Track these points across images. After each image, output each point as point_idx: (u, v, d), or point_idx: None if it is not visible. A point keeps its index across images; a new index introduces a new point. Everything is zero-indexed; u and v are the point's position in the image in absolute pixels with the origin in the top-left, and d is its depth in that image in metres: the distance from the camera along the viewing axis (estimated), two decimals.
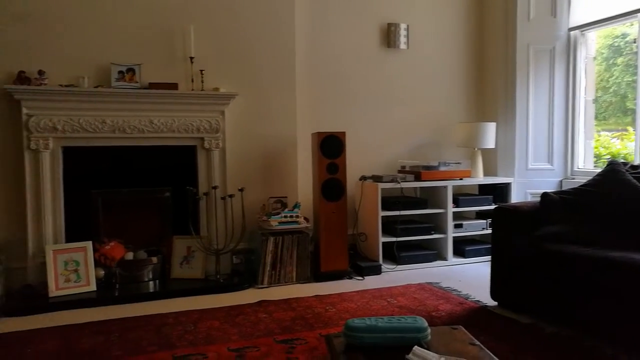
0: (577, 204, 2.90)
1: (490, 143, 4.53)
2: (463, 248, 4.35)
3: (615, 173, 2.93)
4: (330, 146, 3.77)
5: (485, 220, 4.42)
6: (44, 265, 3.33)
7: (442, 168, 4.32)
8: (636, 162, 3.87)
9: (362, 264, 3.95)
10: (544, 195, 3.01)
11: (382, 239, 4.06)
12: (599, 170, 3.14)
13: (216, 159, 3.86)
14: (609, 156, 4.44)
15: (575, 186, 3.08)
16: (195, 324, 2.89)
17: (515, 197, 4.50)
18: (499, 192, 4.47)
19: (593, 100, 4.53)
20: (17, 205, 3.45)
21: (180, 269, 3.71)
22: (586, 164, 4.52)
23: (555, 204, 2.94)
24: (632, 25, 4.17)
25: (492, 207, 4.16)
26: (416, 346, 1.58)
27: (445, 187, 4.25)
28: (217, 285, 3.59)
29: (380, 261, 4.03)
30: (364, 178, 4.23)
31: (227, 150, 3.89)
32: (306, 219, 3.86)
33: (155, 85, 3.63)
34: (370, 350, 1.65)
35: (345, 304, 3.23)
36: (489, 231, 4.32)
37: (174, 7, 3.77)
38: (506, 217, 3.05)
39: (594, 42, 4.52)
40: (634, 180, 2.85)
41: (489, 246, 4.21)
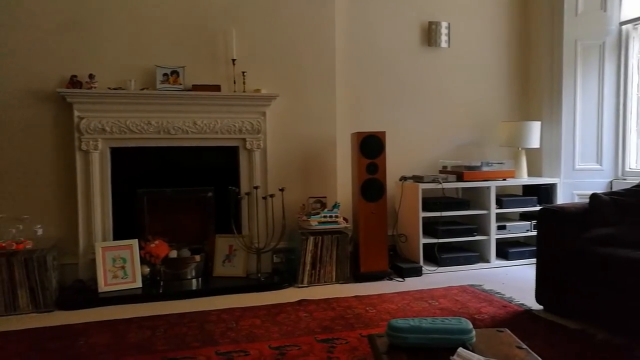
0: (629, 205, 2.78)
1: (535, 142, 4.41)
2: (506, 250, 4.24)
3: None
4: (370, 146, 3.76)
5: (529, 222, 4.30)
6: (94, 261, 3.46)
7: (485, 168, 4.23)
8: None
9: (402, 265, 3.92)
10: (594, 196, 2.90)
11: (423, 240, 4.01)
12: None
13: (257, 159, 3.92)
14: None
15: (627, 187, 2.95)
16: (237, 321, 2.94)
17: (562, 199, 4.36)
18: (544, 193, 4.34)
19: None
20: (69, 204, 3.60)
21: (223, 267, 3.77)
22: (639, 164, 4.33)
23: (606, 205, 2.83)
24: None
25: (537, 208, 4.04)
26: (461, 348, 1.55)
27: (488, 187, 4.16)
28: (258, 283, 3.64)
29: (421, 263, 3.98)
30: (404, 178, 4.20)
31: (268, 151, 3.94)
32: (345, 219, 3.86)
33: (198, 87, 3.71)
34: (413, 351, 1.64)
35: (386, 304, 3.21)
36: (533, 233, 4.22)
37: (217, 10, 3.84)
38: (553, 218, 2.96)
39: None
40: None
41: (534, 248, 4.10)
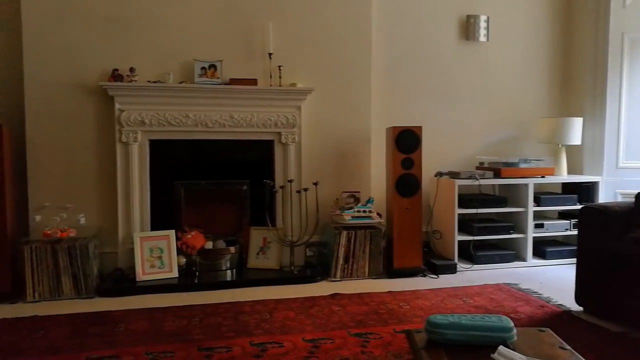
0: None
1: (576, 139, 4.28)
2: (544, 249, 4.14)
3: None
4: (406, 141, 3.72)
5: (568, 221, 4.19)
6: (132, 251, 3.55)
7: (523, 165, 4.13)
8: None
9: (436, 262, 3.88)
10: None
11: (458, 237, 3.95)
12: None
13: (292, 153, 3.94)
14: None
15: None
16: (271, 313, 2.97)
17: (604, 197, 4.22)
18: (585, 191, 4.22)
19: None
20: (109, 195, 3.70)
21: (256, 259, 3.82)
22: None
23: None
24: None
25: (578, 207, 3.93)
26: (502, 346, 1.52)
27: (526, 185, 4.07)
28: (291, 276, 3.66)
29: (456, 260, 3.93)
30: (439, 174, 4.14)
31: (302, 145, 3.95)
32: (379, 214, 3.84)
33: (235, 81, 3.75)
34: (452, 348, 1.62)
35: (420, 301, 3.18)
36: (573, 232, 4.12)
37: (254, 5, 3.87)
38: (595, 217, 2.87)
39: None
40: None
41: (573, 248, 4.03)
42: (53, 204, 3.55)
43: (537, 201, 4.11)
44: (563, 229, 4.18)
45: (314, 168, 3.99)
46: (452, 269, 3.86)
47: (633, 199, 2.89)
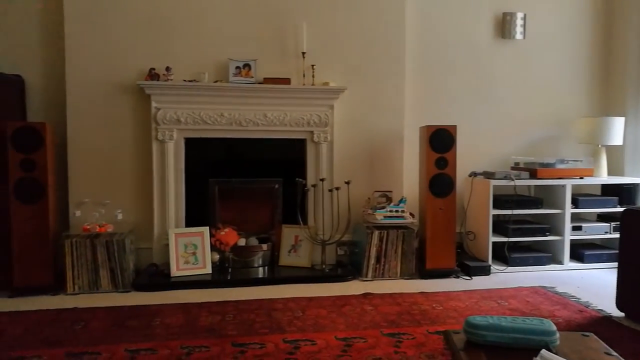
0: None
1: (617, 139, 4.15)
2: (581, 252, 4.03)
3: None
4: (440, 140, 3.68)
5: (608, 224, 4.06)
6: (167, 247, 3.62)
7: (560, 166, 4.03)
8: None
9: (469, 263, 3.82)
10: None
11: (492, 239, 3.89)
12: None
13: (324, 152, 3.94)
14: None
15: None
16: (303, 310, 2.98)
17: None
18: (627, 193, 4.08)
19: None
20: (145, 191, 3.78)
21: (288, 257, 3.84)
22: None
23: None
24: None
25: (619, 209, 3.81)
26: (544, 350, 1.49)
27: (563, 186, 3.97)
28: (322, 275, 3.67)
29: (489, 261, 3.86)
30: (474, 174, 4.08)
31: (334, 144, 3.95)
32: (412, 214, 3.81)
33: (269, 80, 3.78)
34: (492, 349, 1.59)
35: (453, 302, 3.14)
36: (613, 235, 3.99)
37: (288, 4, 3.89)
38: (639, 220, 2.77)
39: None
40: None
41: (613, 252, 3.91)
42: (92, 200, 3.65)
43: (575, 203, 4.00)
44: (602, 231, 4.06)
45: (345, 167, 3.98)
46: (485, 271, 3.80)
47: None
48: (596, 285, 3.54)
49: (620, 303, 2.88)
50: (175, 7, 3.76)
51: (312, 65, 3.85)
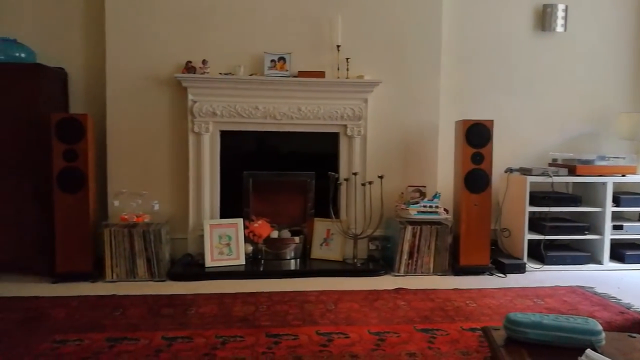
0: None
1: None
2: (622, 252, 3.91)
3: None
4: (476, 135, 3.61)
5: None
6: (202, 237, 3.67)
7: (601, 162, 3.92)
8: None
9: (504, 260, 3.75)
10: None
11: (528, 236, 3.81)
12: None
13: (357, 145, 3.93)
14: None
15: None
16: (335, 304, 2.99)
17: None
18: None
19: None
20: (181, 183, 3.85)
21: (320, 250, 3.85)
22: None
23: None
24: None
25: None
26: (589, 349, 1.45)
27: (603, 183, 3.85)
28: (354, 269, 3.67)
29: (525, 259, 3.79)
30: (510, 170, 4.01)
31: (368, 137, 3.93)
32: (446, 210, 3.76)
33: (304, 73, 3.78)
34: (534, 347, 1.56)
35: (487, 299, 3.10)
36: None
37: None
38: None
39: None
40: None
41: None
42: (130, 190, 3.74)
43: (617, 201, 3.88)
44: None
45: (379, 161, 3.96)
46: (520, 269, 3.73)
47: None
48: (638, 286, 3.43)
49: None
50: (212, 1, 3.80)
51: (347, 59, 3.83)
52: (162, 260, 3.45)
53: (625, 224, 3.92)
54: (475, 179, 3.63)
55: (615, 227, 3.89)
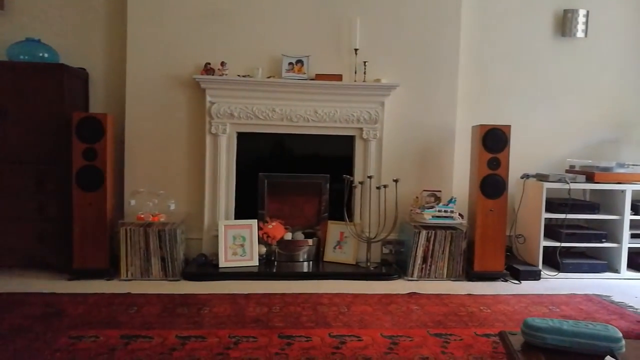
0: None
1: None
2: None
3: None
4: (493, 140, 3.59)
5: None
6: (216, 238, 3.70)
7: (620, 170, 3.87)
8: None
9: (519, 267, 3.72)
10: None
11: (544, 243, 3.77)
12: None
13: (373, 149, 3.93)
14: None
15: None
16: (348, 306, 2.98)
17: None
18: None
19: None
20: (197, 183, 3.88)
21: (333, 253, 3.85)
22: None
23: None
24: None
25: None
26: (609, 356, 1.43)
27: (622, 191, 3.80)
28: (367, 272, 3.67)
29: (540, 266, 3.75)
30: (526, 176, 3.97)
31: (383, 141, 3.93)
32: (461, 215, 3.74)
33: (321, 76, 3.80)
34: (552, 352, 1.54)
35: (501, 306, 3.07)
36: None
37: (342, 1, 3.89)
38: None
39: None
40: None
41: None
42: (146, 189, 3.78)
43: (636, 209, 3.82)
44: None
45: (394, 165, 3.96)
46: (535, 276, 3.69)
47: None
48: None
49: None
50: (231, 3, 3.83)
51: (365, 62, 3.84)
52: (176, 260, 3.48)
53: None
54: (491, 184, 3.61)
55: (633, 236, 3.83)
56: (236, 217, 3.87)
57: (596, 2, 4.22)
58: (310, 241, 3.81)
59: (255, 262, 3.68)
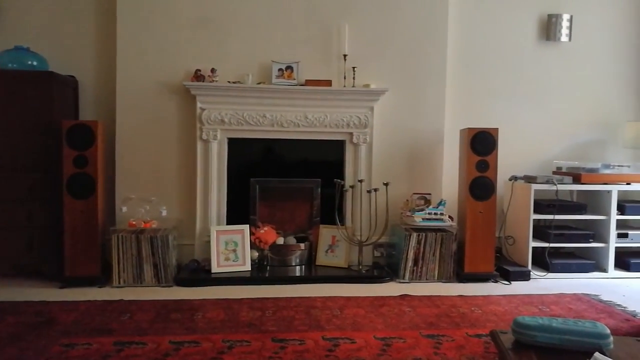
0: None
1: None
2: (627, 260, 3.92)
3: None
4: (481, 143, 3.64)
5: None
6: (208, 243, 3.70)
7: (605, 171, 3.94)
8: None
9: (508, 268, 3.76)
10: None
11: (532, 244, 3.82)
12: None
13: (363, 153, 3.96)
14: None
15: None
16: (341, 309, 3.00)
17: None
18: None
19: None
20: (188, 189, 3.89)
21: (325, 257, 3.87)
22: None
23: None
24: None
25: None
26: (597, 352, 1.46)
27: (608, 192, 3.87)
28: (359, 275, 3.69)
29: (529, 267, 3.80)
30: (514, 178, 4.03)
31: (373, 145, 3.97)
32: (451, 217, 3.78)
33: (311, 82, 3.83)
34: (542, 350, 1.57)
35: (492, 306, 3.11)
36: None
37: (330, 8, 3.93)
38: None
39: None
40: None
41: None
42: (138, 196, 3.77)
43: (622, 209, 3.89)
44: None
45: (384, 168, 3.99)
46: (525, 276, 3.74)
47: None
48: None
49: None
50: (221, 10, 3.86)
51: (354, 67, 3.88)
52: (168, 266, 3.47)
53: (630, 232, 3.93)
54: (480, 186, 3.66)
55: (620, 235, 3.90)
56: (228, 223, 3.88)
57: (579, 7, 4.31)
58: (302, 245, 3.83)
59: (248, 267, 3.69)
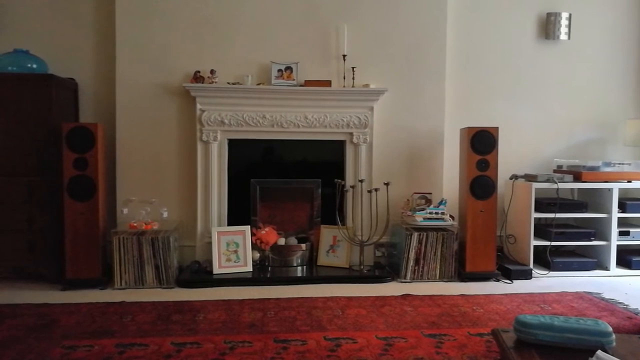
0: None
1: None
2: (629, 258, 3.91)
3: None
4: (482, 142, 3.64)
5: None
6: (210, 245, 3.70)
7: (606, 169, 3.93)
8: None
9: (510, 267, 3.76)
10: None
11: (534, 242, 3.82)
12: None
13: (363, 153, 3.96)
14: None
15: None
16: (342, 310, 3.00)
17: None
18: None
19: None
20: (189, 191, 3.89)
21: (326, 257, 3.87)
22: None
23: None
24: None
25: None
26: (599, 351, 1.46)
27: (609, 190, 3.86)
28: (360, 275, 3.69)
29: (531, 265, 3.80)
30: (515, 177, 4.02)
31: (374, 145, 3.96)
32: (452, 217, 3.78)
33: (310, 82, 3.83)
34: (544, 349, 1.57)
35: (494, 305, 3.11)
36: None
37: (329, 8, 3.93)
38: None
39: None
40: None
41: None
42: (139, 198, 3.77)
43: (623, 207, 3.89)
44: None
45: (385, 168, 3.99)
46: (526, 275, 3.73)
47: None
48: None
49: None
50: (220, 12, 3.86)
51: (353, 68, 3.88)
52: (170, 268, 3.47)
53: (631, 229, 3.92)
54: (481, 185, 3.66)
55: (621, 233, 3.89)
56: (229, 224, 3.88)
57: (578, 5, 4.30)
58: (303, 246, 3.83)
59: (249, 268, 3.69)
